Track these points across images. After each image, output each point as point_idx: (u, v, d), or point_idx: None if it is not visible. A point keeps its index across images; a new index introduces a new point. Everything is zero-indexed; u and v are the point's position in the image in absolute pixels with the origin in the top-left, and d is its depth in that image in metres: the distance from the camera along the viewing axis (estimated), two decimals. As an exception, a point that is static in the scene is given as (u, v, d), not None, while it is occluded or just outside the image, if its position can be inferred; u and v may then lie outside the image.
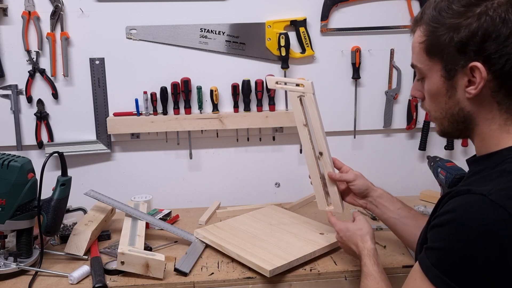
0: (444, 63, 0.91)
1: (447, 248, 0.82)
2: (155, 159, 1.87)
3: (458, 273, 0.80)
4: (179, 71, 1.79)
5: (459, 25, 0.87)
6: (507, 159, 0.87)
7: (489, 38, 0.85)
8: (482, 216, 0.79)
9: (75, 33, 1.73)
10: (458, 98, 0.92)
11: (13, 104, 1.75)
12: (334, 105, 1.87)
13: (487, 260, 0.78)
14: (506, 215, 0.78)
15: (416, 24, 0.96)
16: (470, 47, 0.86)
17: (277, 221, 1.56)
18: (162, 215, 1.68)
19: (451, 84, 0.92)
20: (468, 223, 0.80)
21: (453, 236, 0.81)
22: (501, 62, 0.85)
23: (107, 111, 1.80)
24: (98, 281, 1.24)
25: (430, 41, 0.92)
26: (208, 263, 1.37)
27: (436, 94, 0.94)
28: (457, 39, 0.87)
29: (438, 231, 0.84)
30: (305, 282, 1.31)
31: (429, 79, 0.95)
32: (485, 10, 0.86)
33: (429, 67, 0.94)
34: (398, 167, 1.97)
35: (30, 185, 1.32)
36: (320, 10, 1.80)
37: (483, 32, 0.85)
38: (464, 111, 0.92)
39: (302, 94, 1.35)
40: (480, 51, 0.86)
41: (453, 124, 0.95)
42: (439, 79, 0.93)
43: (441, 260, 0.83)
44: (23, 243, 1.35)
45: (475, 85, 0.88)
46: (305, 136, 1.40)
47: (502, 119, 0.90)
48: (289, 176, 1.92)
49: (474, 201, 0.81)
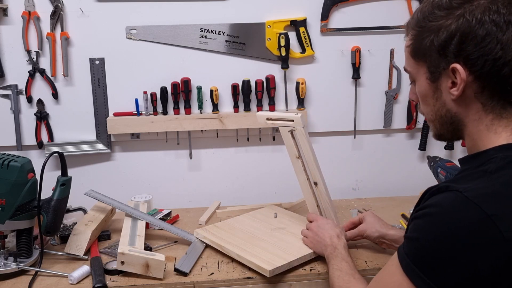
0: (428, 66, 0.94)
1: (419, 240, 0.85)
2: (155, 159, 1.87)
3: (427, 264, 0.82)
4: (179, 71, 1.79)
5: (439, 27, 0.90)
6: (492, 159, 0.87)
7: (466, 40, 0.87)
8: (455, 212, 0.80)
9: (75, 33, 1.74)
10: (444, 99, 0.94)
11: (13, 104, 1.75)
12: (334, 105, 1.87)
13: (453, 254, 0.79)
14: (479, 213, 0.78)
15: (407, 29, 1.00)
16: (449, 49, 0.89)
17: (277, 221, 1.57)
18: (162, 215, 1.68)
19: (436, 86, 0.94)
20: (441, 218, 0.82)
21: (425, 229, 0.84)
22: (479, 63, 0.87)
23: (107, 111, 1.80)
24: (98, 281, 1.25)
25: (415, 44, 0.95)
26: (208, 263, 1.38)
27: (425, 96, 0.98)
28: (437, 41, 0.90)
29: (415, 223, 0.87)
30: (305, 282, 1.31)
31: (418, 82, 0.99)
32: (462, 13, 0.88)
33: (416, 70, 0.97)
34: (398, 167, 1.97)
35: (30, 185, 1.32)
36: (320, 10, 1.80)
37: (460, 34, 0.87)
38: (451, 112, 0.94)
39: (293, 128, 1.37)
40: (459, 53, 0.88)
41: (443, 126, 0.98)
42: (425, 82, 0.96)
43: (413, 250, 0.85)
44: (23, 243, 1.35)
45: (456, 86, 0.90)
46: (299, 168, 1.44)
47: (488, 119, 0.91)
48: (289, 176, 1.91)
49: (450, 197, 0.83)
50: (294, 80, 1.83)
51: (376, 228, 1.35)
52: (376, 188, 1.95)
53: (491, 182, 0.83)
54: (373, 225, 1.36)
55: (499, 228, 0.77)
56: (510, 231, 0.77)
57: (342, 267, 1.18)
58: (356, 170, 1.96)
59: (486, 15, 0.86)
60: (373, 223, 1.37)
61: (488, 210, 0.78)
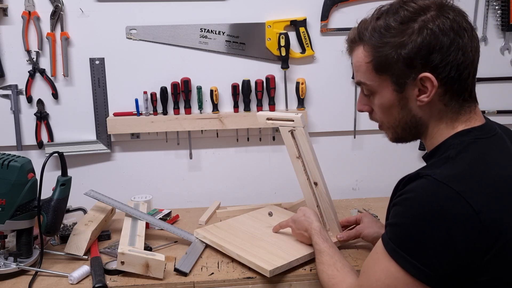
0: (394, 78, 0.98)
1: (399, 224, 0.91)
2: (155, 159, 1.87)
3: (410, 245, 0.89)
4: (179, 71, 1.79)
5: (404, 42, 0.94)
6: (450, 146, 0.96)
7: (433, 50, 0.93)
8: (428, 194, 0.88)
9: (75, 33, 1.74)
10: (410, 107, 1.00)
11: (13, 104, 1.75)
12: (334, 105, 1.87)
13: (431, 232, 0.86)
14: (449, 191, 0.86)
15: (354, 44, 1.03)
16: (417, 60, 0.94)
17: (277, 221, 1.56)
18: (162, 215, 1.68)
19: (403, 96, 0.99)
20: (416, 200, 0.89)
21: (404, 213, 0.91)
22: (446, 70, 0.94)
23: (107, 111, 1.80)
24: (98, 281, 1.24)
25: (377, 59, 0.98)
26: (208, 263, 1.38)
27: (389, 107, 1.02)
28: (405, 55, 0.94)
29: (394, 210, 0.94)
30: (305, 282, 1.30)
31: (380, 94, 1.02)
32: (424, 24, 0.93)
33: (378, 83, 1.01)
34: (398, 167, 1.96)
35: (30, 185, 1.32)
36: (320, 10, 1.80)
37: (427, 45, 0.93)
38: (416, 117, 1.01)
39: (293, 128, 1.37)
40: (427, 63, 0.94)
41: (406, 131, 1.04)
42: (391, 93, 1.00)
43: (396, 234, 0.92)
44: (23, 243, 1.35)
45: (427, 93, 0.96)
46: (299, 168, 1.44)
47: (448, 118, 0.99)
48: (289, 176, 1.91)
49: (422, 182, 0.90)
50: (294, 80, 1.83)
51: (374, 229, 1.36)
52: (376, 188, 1.95)
53: (455, 165, 0.91)
54: (370, 225, 1.37)
55: (469, 202, 0.85)
56: (479, 204, 0.85)
57: (323, 260, 1.19)
58: (356, 170, 1.96)
59: (446, 24, 0.93)
60: (371, 224, 1.38)
61: (457, 188, 0.86)
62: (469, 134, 0.98)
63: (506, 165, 0.94)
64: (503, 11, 1.85)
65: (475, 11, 1.86)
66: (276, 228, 1.46)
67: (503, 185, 0.90)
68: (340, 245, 1.40)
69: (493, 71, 1.90)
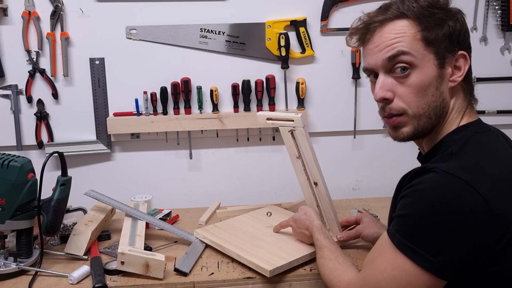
0: (439, 51, 0.97)
1: (409, 215, 0.90)
2: (155, 159, 1.87)
3: (419, 236, 0.88)
4: (179, 71, 1.79)
5: (452, 17, 0.98)
6: (450, 143, 0.97)
7: (466, 32, 1.00)
8: (437, 185, 0.88)
9: (75, 33, 1.74)
10: (443, 89, 0.99)
11: (13, 104, 1.75)
12: (334, 105, 1.87)
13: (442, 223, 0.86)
14: (457, 181, 0.86)
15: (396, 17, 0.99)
16: (460, 37, 0.98)
17: (277, 221, 1.56)
18: (162, 215, 1.68)
19: (442, 73, 0.98)
20: (426, 192, 0.89)
21: (414, 204, 0.90)
22: (470, 54, 1.01)
23: (107, 111, 1.80)
24: (98, 281, 1.24)
25: (427, 30, 0.97)
26: (208, 263, 1.38)
27: (428, 85, 0.98)
28: (452, 29, 0.97)
29: (402, 202, 0.93)
30: (305, 282, 1.30)
31: (421, 69, 0.97)
32: (458, 9, 1.01)
33: (422, 56, 0.97)
34: (398, 167, 1.95)
35: (30, 185, 1.32)
36: (320, 10, 1.80)
37: (462, 25, 0.99)
38: (444, 102, 1.00)
39: (293, 128, 1.37)
40: (464, 42, 0.99)
41: (430, 119, 1.00)
42: (432, 68, 0.98)
43: (404, 226, 0.91)
44: (23, 243, 1.35)
45: (460, 71, 0.99)
46: (299, 168, 1.44)
47: (459, 111, 1.02)
48: (289, 176, 1.91)
49: (430, 175, 0.90)
50: (294, 80, 1.83)
51: (374, 229, 1.36)
52: (376, 188, 1.95)
53: (460, 159, 0.92)
54: (370, 226, 1.38)
55: (478, 191, 0.85)
56: (488, 193, 0.85)
57: (324, 255, 1.19)
58: (356, 170, 1.96)
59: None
60: (371, 224, 1.38)
61: (466, 178, 0.86)
62: (467, 128, 1.00)
63: (508, 155, 0.96)
64: (503, 11, 1.85)
65: (475, 11, 1.86)
66: (276, 227, 1.46)
67: (510, 173, 0.91)
68: (340, 245, 1.40)
69: (493, 71, 1.90)
